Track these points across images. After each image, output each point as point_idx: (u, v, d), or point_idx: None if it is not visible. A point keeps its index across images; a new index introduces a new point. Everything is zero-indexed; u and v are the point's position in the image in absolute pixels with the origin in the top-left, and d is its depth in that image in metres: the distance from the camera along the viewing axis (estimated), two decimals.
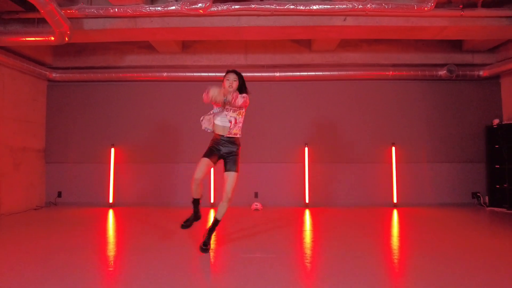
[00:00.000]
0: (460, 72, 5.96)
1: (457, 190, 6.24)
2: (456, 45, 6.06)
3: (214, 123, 3.34)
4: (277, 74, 6.09)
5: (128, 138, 6.40)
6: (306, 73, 6.08)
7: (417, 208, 5.95)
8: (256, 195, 6.26)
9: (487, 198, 6.06)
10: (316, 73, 6.07)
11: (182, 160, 6.33)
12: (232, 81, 3.29)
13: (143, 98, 6.45)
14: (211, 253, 3.21)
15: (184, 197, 6.22)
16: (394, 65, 6.16)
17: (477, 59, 6.05)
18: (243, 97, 3.20)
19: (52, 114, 6.47)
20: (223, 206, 3.29)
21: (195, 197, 3.36)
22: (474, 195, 6.19)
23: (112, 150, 6.32)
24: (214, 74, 6.10)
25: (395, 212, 5.64)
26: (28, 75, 5.90)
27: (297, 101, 6.39)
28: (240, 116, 3.32)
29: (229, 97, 3.09)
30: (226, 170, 3.30)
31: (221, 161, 3.38)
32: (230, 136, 3.30)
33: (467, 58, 6.05)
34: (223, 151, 3.32)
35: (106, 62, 6.22)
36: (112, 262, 2.99)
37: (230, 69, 3.40)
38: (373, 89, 6.36)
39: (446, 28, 4.54)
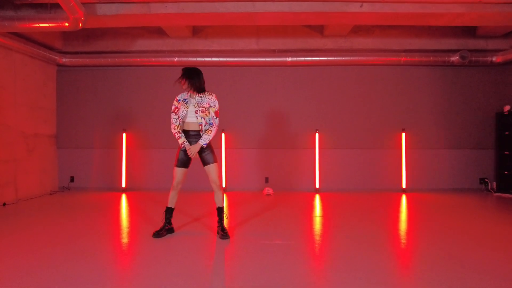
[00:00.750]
0: (473, 58, 5.92)
1: (465, 176, 6.32)
2: (469, 31, 5.99)
3: (184, 122, 3.40)
4: (289, 59, 6.04)
5: (140, 124, 6.42)
6: (317, 58, 6.03)
7: (425, 193, 6.04)
8: (266, 180, 6.34)
9: (494, 184, 6.15)
10: (328, 58, 6.02)
11: None
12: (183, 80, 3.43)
13: (153, 83, 6.43)
14: (230, 239, 3.30)
15: (196, 181, 6.31)
16: (406, 51, 6.11)
17: (491, 44, 5.99)
18: (212, 127, 3.36)
19: (62, 99, 6.46)
20: (218, 194, 3.43)
21: (169, 206, 3.49)
22: (482, 181, 6.28)
23: (124, 135, 6.35)
24: (225, 59, 6.05)
25: (403, 197, 5.73)
26: (39, 60, 5.87)
27: (308, 86, 6.37)
28: (208, 116, 3.38)
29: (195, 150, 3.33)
30: (204, 164, 3.40)
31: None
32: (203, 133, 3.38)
33: (480, 43, 6.00)
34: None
35: (116, 47, 6.15)
36: (127, 246, 3.09)
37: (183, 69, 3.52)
38: (384, 75, 6.33)
39: (462, 15, 4.48)
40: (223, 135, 6.30)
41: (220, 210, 3.45)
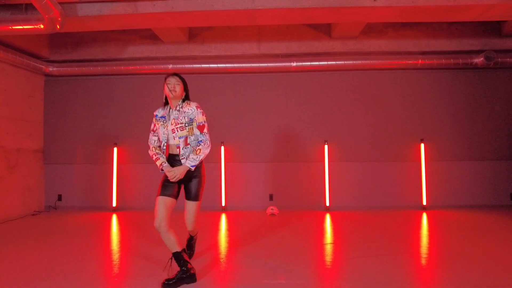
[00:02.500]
0: (499, 59, 5.32)
1: (493, 191, 5.63)
2: (494, 29, 5.41)
3: (168, 144, 2.69)
4: (294, 64, 5.51)
5: (132, 137, 5.91)
6: (325, 63, 5.49)
7: (448, 210, 5.38)
8: (271, 197, 5.74)
9: None
10: (337, 62, 5.47)
11: None
12: (174, 85, 2.64)
13: (147, 93, 5.94)
14: (225, 274, 2.70)
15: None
16: (423, 53, 5.54)
17: None
18: (202, 145, 2.64)
19: (50, 111, 5.99)
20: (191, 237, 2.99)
21: (175, 250, 2.56)
22: None
23: (115, 149, 5.83)
24: (224, 65, 5.55)
25: (424, 216, 5.08)
26: (23, 69, 5.43)
27: (316, 93, 5.81)
28: (193, 135, 2.66)
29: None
30: (186, 197, 2.70)
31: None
32: (181, 158, 2.66)
33: (507, 43, 5.40)
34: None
35: (106, 54, 5.70)
36: (117, 272, 2.52)
37: (171, 73, 2.74)
38: (399, 79, 5.75)
39: (493, 7, 3.90)
40: (222, 148, 5.74)
41: (175, 255, 2.57)
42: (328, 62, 5.49)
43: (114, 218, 5.23)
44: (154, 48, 5.66)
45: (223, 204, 5.65)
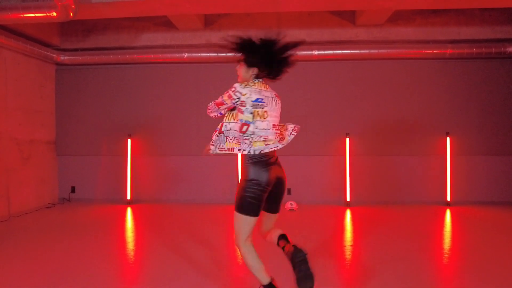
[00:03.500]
0: None
1: None
2: None
3: (253, 141, 2.02)
4: (315, 52, 5.24)
5: (146, 128, 5.74)
6: (349, 51, 5.20)
7: (473, 207, 5.19)
8: (289, 191, 5.57)
9: None
10: (361, 51, 5.18)
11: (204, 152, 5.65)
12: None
13: (161, 82, 5.74)
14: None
15: (205, 192, 5.63)
16: (452, 41, 5.22)
17: None
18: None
19: (62, 101, 5.83)
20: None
21: (265, 283, 2.01)
22: None
23: (129, 141, 5.68)
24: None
25: (448, 213, 4.90)
26: (34, 58, 5.24)
27: (338, 83, 5.55)
28: (228, 122, 2.14)
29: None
30: (273, 211, 2.17)
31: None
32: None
33: None
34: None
35: (119, 42, 5.48)
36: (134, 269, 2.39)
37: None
38: (426, 70, 5.46)
39: None
40: None
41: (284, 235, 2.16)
42: (352, 51, 5.21)
43: (129, 211, 5.14)
44: (168, 36, 5.42)
45: None
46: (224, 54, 5.31)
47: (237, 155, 1.73)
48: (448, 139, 5.42)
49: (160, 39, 5.44)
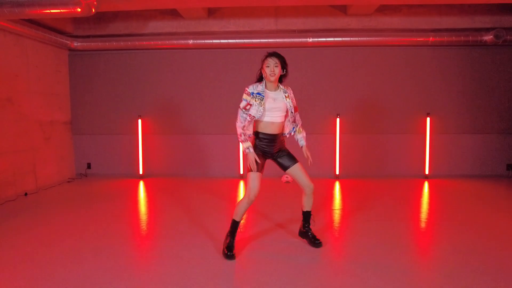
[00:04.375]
0: (508, 37, 5.52)
1: (491, 162, 6.09)
2: (506, 6, 5.56)
3: (260, 121, 2.81)
4: (310, 39, 5.72)
5: (155, 109, 6.26)
6: (340, 39, 5.70)
7: (449, 179, 5.87)
8: None
9: None
10: (352, 38, 5.68)
11: (210, 131, 6.23)
12: (273, 67, 2.73)
13: (168, 67, 6.21)
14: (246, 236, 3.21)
15: (212, 167, 6.25)
16: (434, 30, 5.73)
17: None
18: (300, 122, 3.12)
19: (75, 85, 6.30)
20: (309, 198, 2.97)
21: (237, 220, 2.83)
22: (509, 167, 6.05)
23: (139, 121, 6.22)
24: (242, 40, 5.76)
25: (426, 184, 5.59)
26: (50, 45, 5.66)
27: (330, 68, 6.08)
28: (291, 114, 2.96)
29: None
30: (287, 167, 2.89)
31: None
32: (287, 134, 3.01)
33: None
34: (272, 151, 2.88)
35: (128, 30, 5.91)
36: (145, 229, 3.03)
37: (269, 52, 2.81)
38: (411, 56, 5.99)
39: None
40: None
41: (308, 214, 3.04)
42: (343, 38, 5.70)
43: (141, 184, 5.75)
44: (174, 24, 5.85)
45: (242, 172, 6.14)
46: (226, 41, 5.79)
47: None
48: (428, 119, 6.03)
49: (167, 27, 5.87)
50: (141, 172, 6.23)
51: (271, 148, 2.85)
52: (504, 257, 2.76)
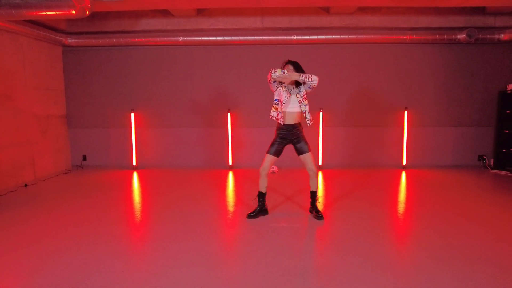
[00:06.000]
0: (480, 36, 5.88)
1: (465, 153, 6.52)
2: (479, 8, 5.89)
3: (283, 111, 3.53)
4: (294, 37, 6.02)
5: (147, 103, 6.54)
6: (323, 37, 6.00)
7: (424, 169, 6.29)
8: None
9: (492, 160, 6.36)
10: (334, 36, 5.99)
11: (199, 124, 6.54)
12: (290, 71, 3.57)
13: (159, 63, 6.46)
14: (237, 219, 3.58)
15: (203, 159, 6.57)
16: (412, 29, 6.06)
17: (499, 21, 5.93)
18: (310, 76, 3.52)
19: (70, 80, 6.53)
20: (314, 180, 3.69)
21: (261, 191, 3.72)
22: (480, 158, 6.48)
23: (132, 115, 6.50)
24: (230, 37, 6.03)
25: (403, 174, 5.99)
26: (45, 42, 5.88)
27: (314, 64, 6.38)
28: (305, 100, 3.58)
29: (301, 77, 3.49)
30: (301, 153, 3.61)
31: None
32: (308, 121, 3.59)
33: (489, 20, 5.93)
34: (291, 138, 3.60)
35: (120, 27, 6.13)
36: (139, 218, 3.38)
37: (287, 60, 3.63)
38: (390, 53, 6.32)
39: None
40: (228, 114, 6.43)
41: (314, 194, 3.75)
42: (326, 36, 6.00)
43: (135, 175, 6.07)
44: (165, 21, 6.09)
45: (231, 163, 6.49)
46: (214, 38, 6.05)
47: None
48: (406, 112, 6.41)
49: (158, 24, 6.10)
50: (134, 164, 6.54)
51: (289, 135, 3.58)
52: (472, 238, 3.17)
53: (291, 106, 3.53)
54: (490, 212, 3.93)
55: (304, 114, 3.54)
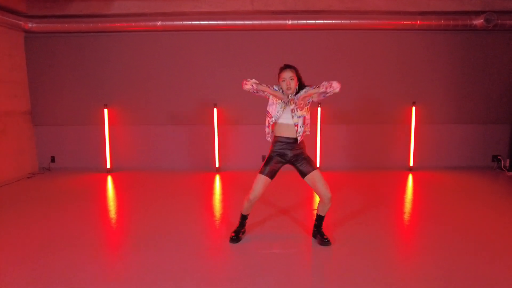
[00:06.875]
0: (499, 21, 5.19)
1: (477, 153, 5.87)
2: None
3: (277, 123, 2.82)
4: (289, 22, 5.29)
5: (122, 98, 5.78)
6: (322, 21, 5.28)
7: (433, 171, 5.63)
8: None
9: (508, 161, 5.72)
10: (334, 21, 5.27)
11: (183, 122, 5.81)
12: (289, 80, 2.79)
13: (136, 52, 5.70)
14: (219, 242, 2.87)
15: (186, 160, 5.87)
16: (422, 13, 5.35)
17: None
18: (325, 86, 2.71)
19: (34, 71, 5.74)
20: (327, 206, 2.83)
21: (244, 214, 2.99)
22: (495, 158, 5.84)
23: (106, 111, 5.74)
24: (216, 22, 5.29)
25: (410, 177, 5.35)
26: (1, 26, 5.07)
27: (310, 53, 5.66)
28: (308, 112, 2.82)
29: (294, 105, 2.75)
30: (305, 174, 2.76)
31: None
32: (299, 136, 2.78)
33: (510, 4, 5.24)
34: (289, 156, 2.80)
35: (89, 10, 5.35)
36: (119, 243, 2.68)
37: (283, 65, 2.91)
38: (396, 40, 5.62)
39: None
40: (215, 110, 5.70)
41: (320, 219, 2.95)
42: (325, 21, 5.28)
43: (109, 179, 5.34)
44: (141, 4, 5.33)
45: (217, 165, 5.77)
46: (198, 22, 5.30)
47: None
48: (413, 108, 5.73)
49: (133, 6, 5.33)
50: (108, 166, 5.79)
51: (287, 151, 2.79)
52: (492, 256, 2.51)
53: (285, 116, 2.80)
54: (509, 222, 3.37)
55: (296, 128, 2.74)
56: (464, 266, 2.51)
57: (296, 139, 2.77)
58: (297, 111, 2.74)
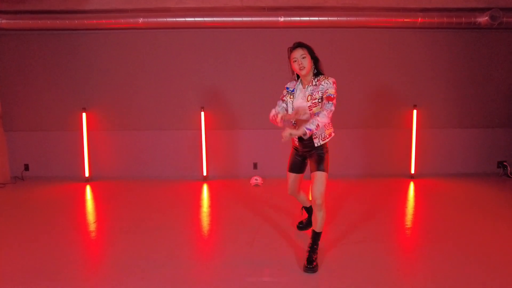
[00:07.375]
0: (504, 19, 4.87)
1: (482, 159, 5.53)
2: None
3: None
4: (281, 19, 4.92)
5: (102, 101, 5.36)
6: (316, 18, 4.93)
7: (435, 179, 5.27)
8: (255, 166, 5.46)
9: None
10: (329, 18, 4.91)
11: (167, 127, 5.40)
12: (300, 59, 2.56)
13: (116, 51, 5.29)
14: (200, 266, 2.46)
15: (172, 168, 5.45)
16: (424, 10, 5.02)
17: None
18: (327, 111, 2.45)
19: (4, 72, 5.31)
20: (318, 217, 2.57)
21: (305, 206, 3.16)
22: (500, 164, 5.51)
23: (84, 115, 5.30)
24: (202, 19, 4.91)
25: (411, 185, 4.99)
26: None
27: None
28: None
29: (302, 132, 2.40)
30: (310, 172, 2.64)
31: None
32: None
33: None
34: (301, 151, 2.74)
35: (65, 5, 4.95)
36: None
37: (293, 44, 2.65)
38: (396, 39, 5.28)
39: None
40: (202, 114, 5.30)
41: (316, 236, 2.62)
42: (320, 18, 4.93)
43: (88, 189, 4.92)
44: None
45: (205, 173, 5.35)
46: (183, 19, 4.92)
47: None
48: (415, 111, 5.38)
49: (112, 2, 4.94)
50: (87, 175, 5.35)
51: (300, 145, 2.68)
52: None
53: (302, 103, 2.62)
54: None
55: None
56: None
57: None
58: (313, 108, 2.56)
